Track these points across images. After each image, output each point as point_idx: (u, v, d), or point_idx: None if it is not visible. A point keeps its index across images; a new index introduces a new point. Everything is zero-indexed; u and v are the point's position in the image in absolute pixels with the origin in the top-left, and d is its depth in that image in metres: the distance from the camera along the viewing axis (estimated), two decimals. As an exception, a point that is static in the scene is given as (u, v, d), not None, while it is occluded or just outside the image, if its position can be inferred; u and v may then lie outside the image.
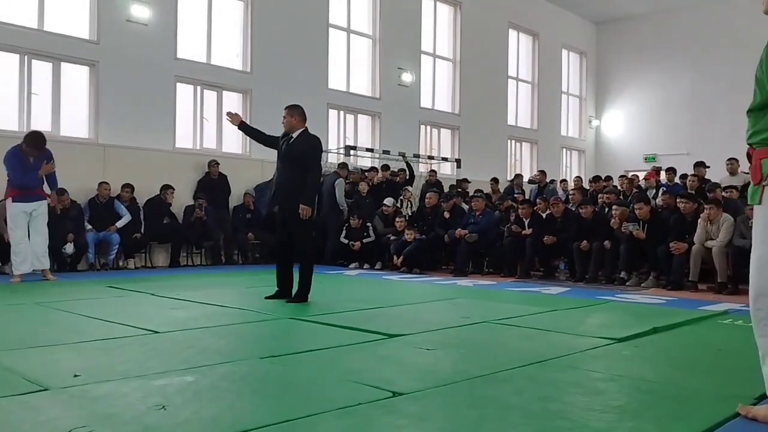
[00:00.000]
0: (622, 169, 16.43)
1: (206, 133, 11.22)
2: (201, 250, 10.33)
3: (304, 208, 5.42)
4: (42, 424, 2.21)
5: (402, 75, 14.07)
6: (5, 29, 8.88)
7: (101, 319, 4.55)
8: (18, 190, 7.00)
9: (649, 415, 2.46)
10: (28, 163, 7.01)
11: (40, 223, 7.17)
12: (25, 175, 6.96)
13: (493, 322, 4.66)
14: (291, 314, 4.86)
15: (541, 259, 9.07)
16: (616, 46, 18.96)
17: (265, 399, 2.61)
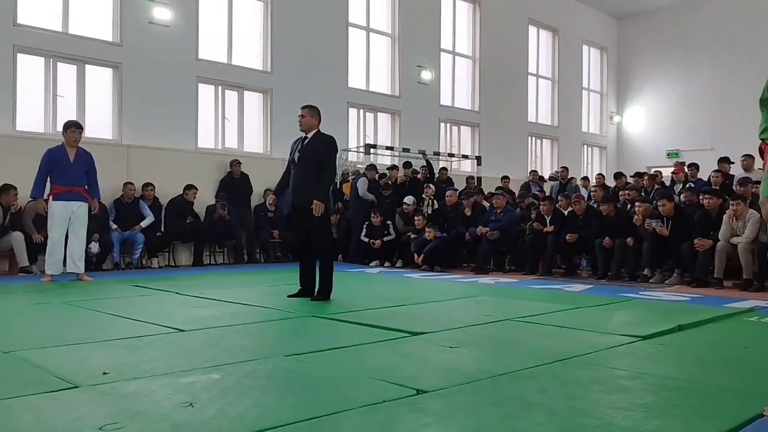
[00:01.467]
0: (644, 165, 16.24)
1: (228, 132, 11.31)
2: (223, 249, 10.43)
3: (317, 204, 5.45)
4: (73, 421, 2.26)
5: (421, 73, 14.05)
6: (31, 32, 9.03)
7: (127, 318, 4.62)
8: (57, 187, 6.92)
9: (675, 413, 2.45)
10: (66, 160, 6.94)
11: (78, 226, 7.07)
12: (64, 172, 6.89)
13: (515, 320, 4.66)
14: (314, 312, 4.89)
15: (562, 256, 9.02)
16: (638, 40, 18.75)
17: (290, 396, 2.63)
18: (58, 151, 6.99)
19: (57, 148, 7.03)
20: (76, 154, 7.04)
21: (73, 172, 6.96)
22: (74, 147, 7.03)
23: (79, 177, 7.03)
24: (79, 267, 7.14)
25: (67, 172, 6.93)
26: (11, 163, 8.55)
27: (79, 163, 7.03)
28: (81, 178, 7.06)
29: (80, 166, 7.05)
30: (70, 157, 6.98)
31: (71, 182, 6.95)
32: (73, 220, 7.00)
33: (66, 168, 6.93)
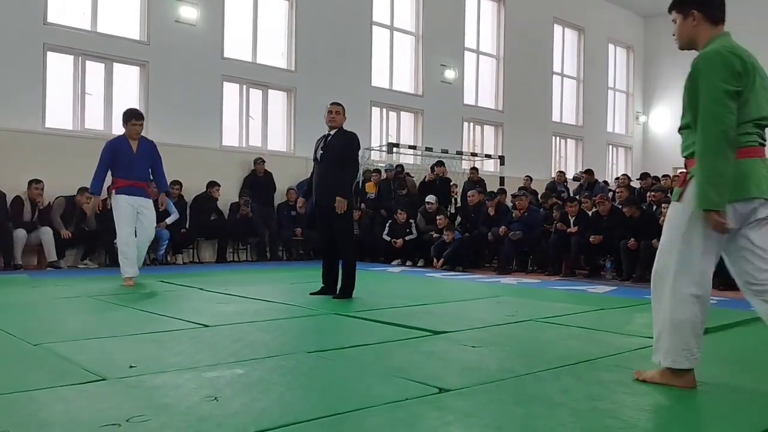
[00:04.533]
0: (670, 166, 16.03)
1: (252, 131, 11.40)
2: (247, 246, 10.52)
3: (340, 201, 5.47)
4: (101, 412, 2.30)
5: (445, 72, 14.02)
6: (60, 31, 9.19)
7: (153, 313, 4.69)
8: (120, 180, 6.33)
9: (702, 416, 2.42)
10: (128, 152, 6.37)
11: (147, 224, 6.45)
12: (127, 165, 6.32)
13: (538, 321, 4.63)
14: (336, 310, 4.91)
15: (586, 257, 8.94)
16: (665, 39, 18.47)
17: (313, 392, 2.65)
18: (120, 142, 6.41)
19: (118, 139, 6.47)
20: (139, 145, 6.44)
21: (137, 165, 6.39)
22: (136, 139, 6.44)
23: (143, 171, 6.45)
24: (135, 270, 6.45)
25: (131, 164, 6.35)
26: (40, 160, 8.72)
27: (142, 155, 6.43)
28: (145, 172, 6.48)
29: (144, 158, 6.45)
30: (133, 149, 6.38)
31: (134, 176, 6.37)
32: (141, 217, 6.38)
33: (129, 161, 6.35)
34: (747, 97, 2.61)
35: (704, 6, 2.76)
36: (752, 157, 2.63)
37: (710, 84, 2.58)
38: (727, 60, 2.58)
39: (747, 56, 2.67)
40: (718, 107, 2.55)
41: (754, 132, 2.65)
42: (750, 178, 2.59)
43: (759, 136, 2.69)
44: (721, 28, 2.79)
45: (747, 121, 2.62)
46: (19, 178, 8.39)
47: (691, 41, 2.85)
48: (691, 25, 2.81)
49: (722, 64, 2.58)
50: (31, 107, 8.90)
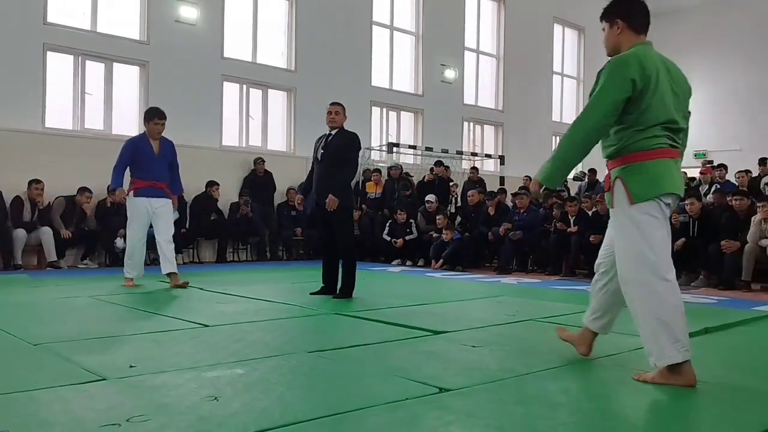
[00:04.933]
0: (670, 165, 16.04)
1: (252, 131, 11.40)
2: (247, 246, 10.51)
3: (332, 199, 5.45)
4: (101, 412, 2.29)
5: (445, 71, 14.02)
6: (60, 31, 9.18)
7: (153, 313, 4.69)
8: (138, 181, 6.19)
9: (702, 416, 2.42)
10: (152, 153, 6.22)
11: (164, 225, 6.30)
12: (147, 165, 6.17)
13: (539, 320, 4.63)
14: (336, 310, 4.91)
15: (586, 257, 8.93)
16: (665, 39, 18.39)
17: (313, 392, 2.65)
18: (141, 141, 6.25)
19: (140, 138, 6.32)
20: (160, 145, 6.29)
21: (157, 165, 6.24)
22: (157, 139, 6.30)
23: (162, 171, 6.29)
24: (169, 266, 6.31)
25: (151, 165, 6.20)
26: (40, 160, 8.72)
27: (163, 155, 6.29)
28: (164, 172, 6.32)
29: (164, 158, 6.31)
30: (154, 149, 6.24)
31: (154, 176, 6.21)
32: (157, 220, 6.26)
33: (149, 160, 6.20)
34: (648, 102, 2.77)
35: (628, 17, 2.98)
36: (665, 158, 2.80)
37: (604, 86, 2.80)
38: (626, 67, 2.77)
39: (653, 63, 2.82)
40: (598, 107, 2.78)
41: (662, 135, 2.80)
42: (664, 176, 2.78)
43: (669, 138, 2.83)
44: (642, 38, 2.99)
45: (654, 124, 2.78)
46: (19, 178, 8.38)
47: (616, 48, 3.03)
48: (616, 33, 3.02)
49: (620, 70, 2.78)
50: (30, 107, 8.90)
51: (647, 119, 2.78)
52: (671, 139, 2.85)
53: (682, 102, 2.93)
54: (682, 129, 2.91)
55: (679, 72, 2.97)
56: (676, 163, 2.87)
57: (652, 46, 2.98)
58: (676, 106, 2.86)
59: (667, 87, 2.83)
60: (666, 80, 2.84)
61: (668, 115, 2.81)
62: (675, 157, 2.87)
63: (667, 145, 2.82)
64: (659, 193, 2.77)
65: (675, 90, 2.88)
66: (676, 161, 2.87)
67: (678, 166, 2.88)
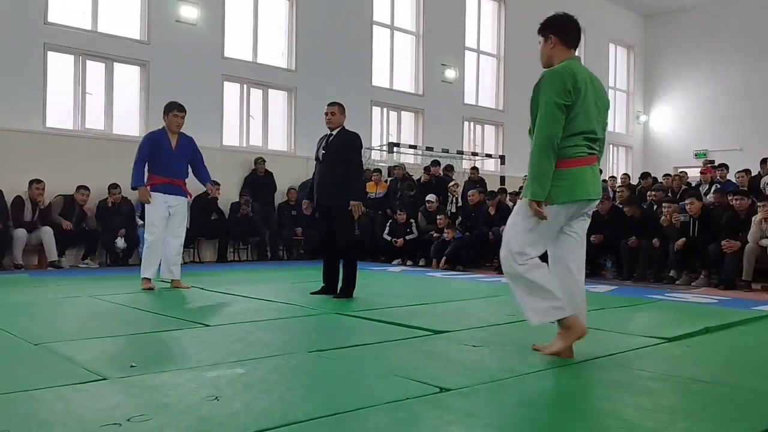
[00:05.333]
0: (671, 165, 16.04)
1: (252, 130, 11.40)
2: (247, 245, 10.52)
3: (355, 204, 5.47)
4: (102, 412, 2.30)
5: (445, 71, 14.02)
6: (61, 31, 9.19)
7: (153, 312, 4.69)
8: (155, 177, 5.98)
9: (703, 416, 2.42)
10: (170, 148, 6.03)
11: (177, 224, 6.11)
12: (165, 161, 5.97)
13: (539, 320, 4.62)
14: (336, 309, 4.91)
15: (587, 256, 8.92)
16: (665, 39, 18.50)
17: (314, 392, 2.65)
18: (160, 136, 6.04)
19: (158, 132, 6.09)
20: (178, 140, 6.10)
21: (175, 161, 6.05)
22: (176, 133, 6.09)
23: (180, 167, 6.10)
24: (174, 273, 6.14)
25: (169, 160, 6.00)
26: (41, 159, 8.73)
27: (181, 151, 6.10)
28: (182, 168, 6.13)
29: (183, 155, 6.11)
30: (172, 144, 6.04)
31: (172, 173, 6.01)
32: (172, 217, 6.06)
33: (167, 156, 6.00)
34: (577, 111, 3.10)
35: (560, 33, 3.32)
36: (580, 165, 3.15)
37: (546, 97, 3.10)
38: (563, 78, 3.10)
39: (583, 77, 3.16)
40: (549, 117, 3.07)
41: (582, 144, 3.15)
42: (578, 184, 3.13)
43: (587, 147, 3.18)
44: (572, 53, 3.33)
45: (576, 133, 3.12)
46: (20, 178, 8.39)
47: (549, 61, 3.35)
48: (549, 47, 3.35)
49: (558, 81, 3.10)
50: (31, 107, 8.91)
51: (571, 128, 3.11)
52: (590, 148, 3.19)
53: (602, 114, 3.28)
54: (600, 138, 3.25)
55: (602, 86, 3.33)
56: (593, 169, 3.22)
57: (580, 61, 3.35)
58: (597, 118, 3.21)
59: (592, 99, 3.18)
60: (591, 93, 3.18)
61: (590, 125, 3.15)
62: (591, 163, 3.21)
63: (585, 153, 3.17)
64: (568, 200, 3.13)
65: (597, 103, 3.22)
66: (592, 167, 3.22)
67: (594, 171, 3.22)
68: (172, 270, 6.13)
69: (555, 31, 3.34)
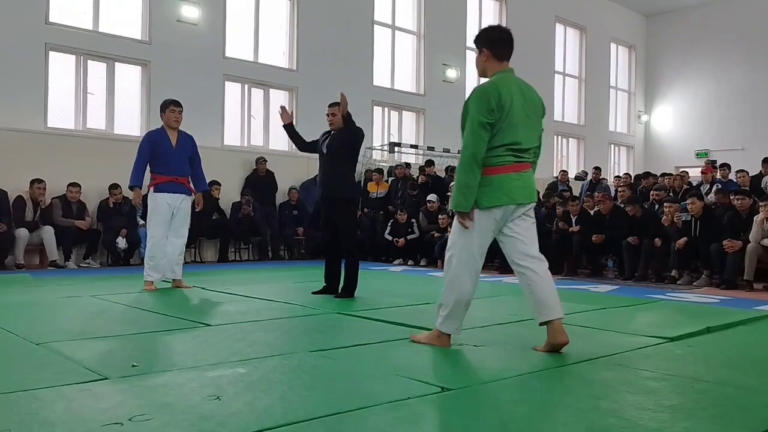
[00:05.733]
0: (672, 165, 16.03)
1: (253, 130, 11.40)
2: (248, 245, 10.51)
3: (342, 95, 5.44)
4: (103, 411, 2.30)
5: (447, 71, 14.01)
6: (62, 31, 9.19)
7: (155, 312, 4.69)
8: (158, 176, 5.91)
9: (705, 416, 2.41)
10: (170, 146, 5.96)
11: (180, 224, 6.07)
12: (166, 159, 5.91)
13: (540, 320, 4.61)
14: (338, 309, 4.90)
15: (588, 256, 8.93)
16: (667, 38, 18.49)
17: (315, 391, 2.65)
18: (159, 134, 5.98)
19: (157, 131, 6.04)
20: (178, 137, 6.03)
21: (176, 158, 5.97)
22: (175, 129, 6.03)
23: (182, 165, 6.03)
24: (176, 272, 6.10)
25: (169, 158, 5.92)
26: (42, 159, 8.74)
27: (181, 148, 6.03)
28: (184, 166, 6.06)
29: (183, 151, 6.05)
30: (171, 142, 5.97)
31: (174, 171, 5.94)
32: (175, 217, 6.01)
33: (168, 154, 5.92)
34: (501, 126, 3.29)
35: (492, 46, 3.46)
36: (506, 173, 3.35)
37: (471, 116, 3.31)
38: (487, 98, 3.27)
39: (509, 91, 3.32)
40: (473, 136, 3.29)
41: (507, 154, 3.35)
42: (501, 189, 3.33)
43: (512, 156, 3.36)
44: (505, 65, 3.48)
45: (500, 146, 3.32)
46: (21, 178, 8.40)
47: (483, 72, 3.54)
48: (482, 59, 3.49)
49: (483, 101, 3.28)
50: (33, 107, 8.91)
51: (495, 141, 3.32)
52: (516, 156, 3.38)
53: (534, 122, 3.45)
54: (530, 148, 3.43)
55: (534, 94, 3.50)
56: (520, 176, 3.39)
57: (513, 72, 3.49)
58: (526, 129, 3.38)
59: (520, 111, 3.34)
60: (520, 104, 3.34)
61: (514, 138, 3.34)
62: (519, 170, 3.40)
63: (511, 161, 3.37)
64: (493, 204, 3.33)
65: (528, 112, 3.39)
66: (520, 174, 3.40)
67: (522, 177, 3.40)
68: (175, 269, 6.09)
69: (487, 45, 3.48)
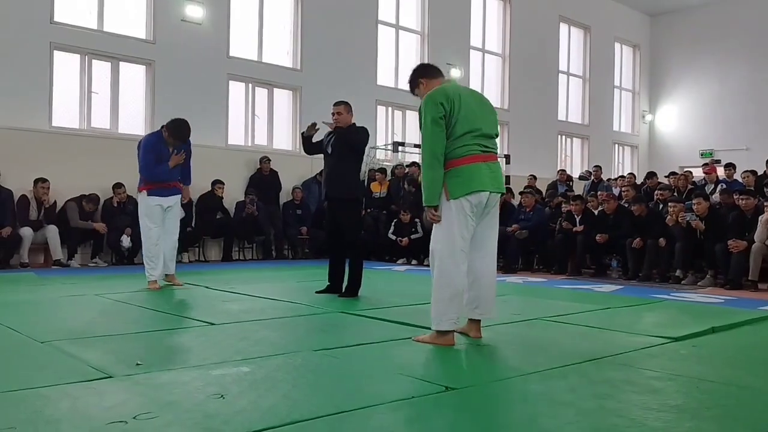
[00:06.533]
0: (676, 165, 15.97)
1: (257, 130, 11.41)
2: (252, 244, 10.53)
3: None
4: (108, 410, 2.30)
5: (451, 70, 13.98)
6: (67, 30, 9.21)
7: (159, 311, 4.70)
8: (151, 182, 6.02)
9: (709, 415, 2.41)
10: (166, 153, 6.08)
11: (172, 222, 6.22)
12: (158, 166, 6.01)
13: (544, 319, 4.62)
14: (342, 308, 4.91)
15: (592, 256, 8.91)
16: (671, 38, 18.44)
17: (319, 390, 2.65)
18: (158, 140, 6.08)
19: (156, 136, 6.13)
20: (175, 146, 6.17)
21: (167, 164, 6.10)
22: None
23: (176, 171, 6.17)
24: (170, 267, 6.25)
25: (165, 165, 6.07)
26: (47, 158, 8.75)
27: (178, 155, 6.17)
28: (177, 171, 6.20)
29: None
30: (169, 148, 6.10)
31: (168, 177, 6.09)
32: (167, 216, 6.16)
33: (164, 161, 6.07)
34: (456, 118, 3.50)
35: (424, 74, 3.86)
36: (475, 162, 3.53)
37: (425, 118, 3.52)
38: (434, 98, 3.53)
39: (456, 91, 3.58)
40: (430, 134, 3.49)
41: (472, 143, 3.52)
42: (473, 179, 3.50)
43: (478, 145, 3.55)
44: (442, 80, 3.84)
45: (462, 134, 3.50)
46: (26, 177, 8.42)
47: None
48: (423, 89, 3.79)
49: (431, 101, 3.53)
50: (37, 106, 8.93)
51: (456, 131, 3.50)
52: (481, 146, 3.57)
53: (488, 112, 3.70)
54: (493, 135, 3.66)
55: (481, 96, 3.82)
56: (488, 166, 3.59)
57: (452, 83, 3.83)
58: (483, 118, 3.60)
59: (472, 104, 3.59)
60: (469, 100, 3.60)
61: (473, 125, 3.53)
62: (486, 160, 3.58)
63: (478, 151, 3.55)
64: (466, 192, 3.49)
65: (482, 108, 3.66)
66: (488, 164, 3.59)
67: (491, 168, 3.60)
68: (168, 265, 6.24)
69: (421, 76, 3.86)
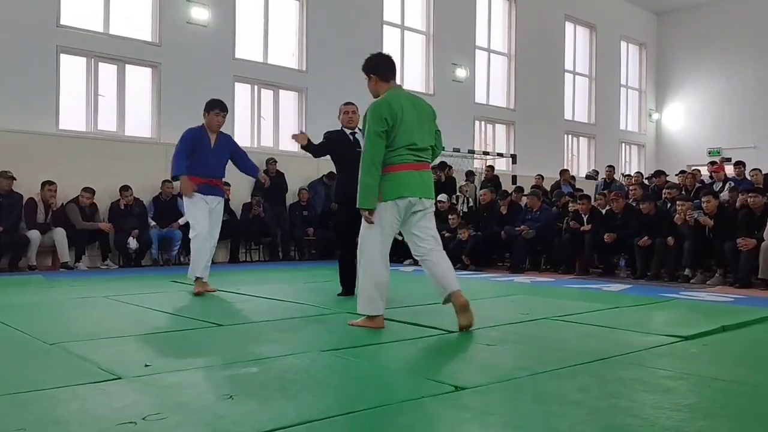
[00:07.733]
0: (684, 163, 15.90)
1: (263, 131, 11.42)
2: (259, 246, 10.53)
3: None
4: (118, 410, 2.30)
5: (456, 70, 13.98)
6: (73, 33, 9.24)
7: (166, 312, 4.70)
8: (196, 178, 5.66)
9: (722, 414, 2.39)
10: (207, 145, 5.77)
11: (213, 225, 5.88)
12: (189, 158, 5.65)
13: (553, 319, 4.60)
14: (350, 309, 4.89)
15: (600, 255, 8.88)
16: (678, 36, 18.37)
17: (328, 391, 2.64)
18: (200, 133, 5.77)
19: (198, 129, 5.81)
20: (217, 139, 5.84)
21: (212, 160, 5.78)
22: (216, 132, 5.84)
23: (218, 167, 5.86)
24: (204, 274, 5.87)
25: (206, 159, 5.72)
26: (54, 161, 8.78)
27: (219, 150, 5.84)
28: (220, 168, 5.89)
29: (221, 154, 5.87)
30: (210, 143, 5.78)
31: (210, 173, 5.76)
32: (210, 218, 5.81)
33: (206, 155, 5.73)
34: (397, 132, 3.83)
35: (377, 71, 4.09)
36: (405, 170, 3.87)
37: (369, 127, 3.83)
38: (380, 111, 3.82)
39: (399, 103, 3.87)
40: (371, 144, 3.80)
41: (406, 153, 3.87)
42: (402, 185, 3.85)
43: (412, 155, 3.89)
44: (392, 83, 4.08)
45: (399, 147, 3.84)
46: (33, 180, 8.45)
47: (376, 93, 4.08)
48: (372, 84, 4.11)
49: (376, 114, 3.81)
50: (44, 109, 8.96)
51: (395, 143, 3.84)
52: (415, 156, 3.91)
53: (426, 126, 4.00)
54: (426, 148, 3.97)
55: (423, 103, 4.08)
56: (420, 174, 3.92)
57: (401, 88, 4.13)
58: (420, 131, 3.92)
59: (413, 118, 3.89)
60: (411, 113, 3.89)
61: (410, 139, 3.87)
62: (418, 168, 3.93)
63: (411, 160, 3.89)
64: (396, 196, 3.84)
65: (420, 119, 3.95)
66: (420, 172, 3.93)
67: (422, 175, 3.93)
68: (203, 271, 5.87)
69: (373, 72, 4.08)
